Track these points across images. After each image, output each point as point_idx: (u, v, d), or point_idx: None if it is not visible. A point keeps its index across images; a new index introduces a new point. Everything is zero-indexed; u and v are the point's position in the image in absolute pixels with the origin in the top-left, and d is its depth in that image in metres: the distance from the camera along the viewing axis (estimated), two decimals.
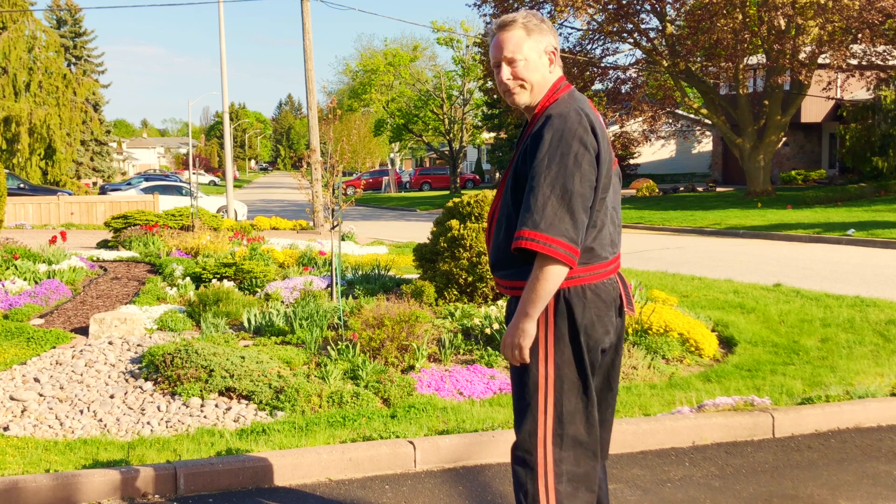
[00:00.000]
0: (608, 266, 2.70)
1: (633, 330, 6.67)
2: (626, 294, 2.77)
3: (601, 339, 2.70)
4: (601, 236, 2.67)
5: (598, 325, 2.68)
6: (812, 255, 13.99)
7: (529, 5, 30.55)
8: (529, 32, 2.72)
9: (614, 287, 2.73)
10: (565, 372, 2.66)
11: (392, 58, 49.91)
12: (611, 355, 2.82)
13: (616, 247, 2.75)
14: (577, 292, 2.65)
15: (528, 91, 2.74)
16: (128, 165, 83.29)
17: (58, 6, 53.57)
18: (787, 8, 24.46)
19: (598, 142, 2.61)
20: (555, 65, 2.76)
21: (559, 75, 2.78)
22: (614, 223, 2.75)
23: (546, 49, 2.75)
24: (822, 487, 4.09)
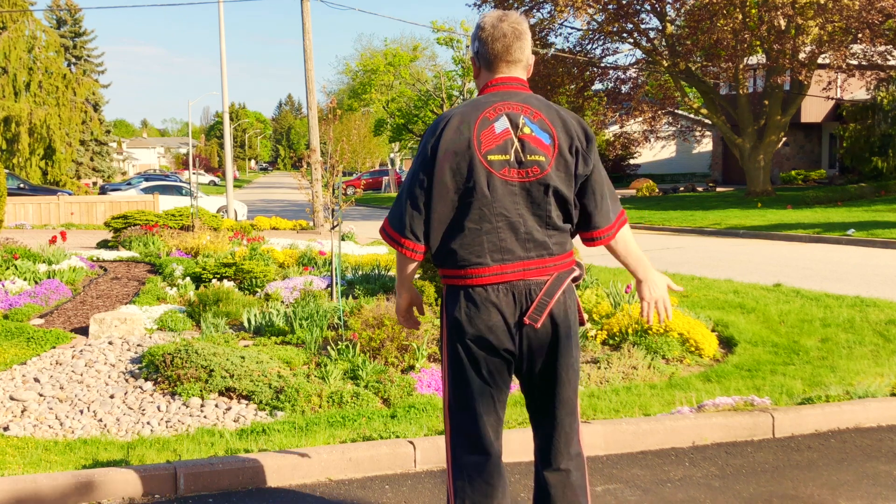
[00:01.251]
0: (486, 272, 2.75)
1: (633, 330, 6.67)
2: (535, 304, 2.74)
3: (478, 340, 2.77)
4: (471, 241, 2.75)
5: (468, 325, 2.77)
6: (812, 255, 13.99)
7: (529, 5, 30.57)
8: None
9: (495, 294, 2.75)
10: (450, 362, 2.86)
11: (392, 58, 49.92)
12: (530, 362, 2.82)
13: (507, 253, 2.75)
14: (451, 292, 2.82)
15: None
16: (128, 165, 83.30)
17: (58, 6, 53.56)
18: (787, 8, 24.47)
19: (437, 144, 2.74)
20: (481, 69, 2.92)
21: (484, 81, 2.91)
22: (516, 230, 2.76)
23: (471, 55, 2.97)
24: (822, 487, 4.09)
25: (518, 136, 2.76)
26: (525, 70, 2.92)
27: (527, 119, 2.78)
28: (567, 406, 2.88)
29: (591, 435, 4.56)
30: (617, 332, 6.78)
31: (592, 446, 4.55)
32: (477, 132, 2.74)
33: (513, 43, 2.84)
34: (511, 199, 2.75)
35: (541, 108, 2.82)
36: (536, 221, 2.78)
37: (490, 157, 2.73)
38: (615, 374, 5.98)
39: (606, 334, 6.83)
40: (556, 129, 2.79)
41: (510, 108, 2.79)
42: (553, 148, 2.77)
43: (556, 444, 2.90)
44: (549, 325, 2.79)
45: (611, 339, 6.79)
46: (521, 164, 2.75)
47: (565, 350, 2.82)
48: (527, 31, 2.90)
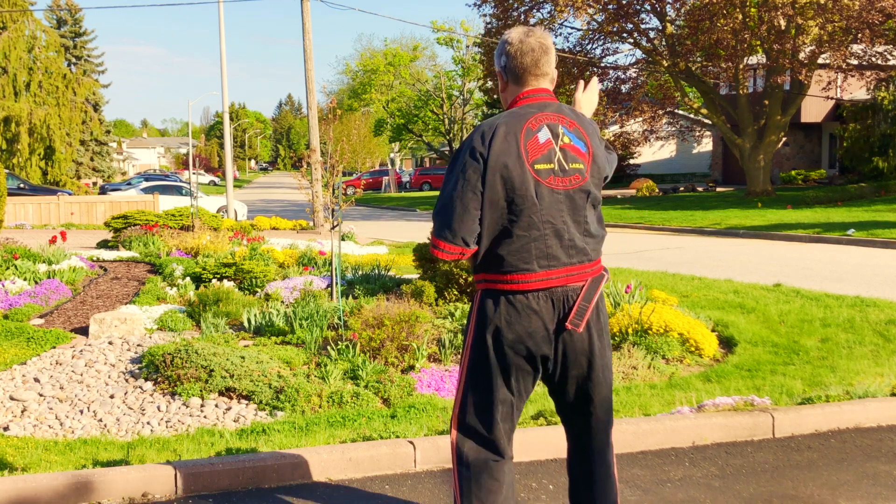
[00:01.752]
0: (533, 278, 2.83)
1: (633, 330, 6.67)
2: (575, 308, 2.83)
3: (515, 346, 2.84)
4: (520, 248, 2.82)
5: (507, 331, 2.84)
6: (812, 255, 13.99)
7: (530, 5, 30.57)
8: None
9: (535, 300, 2.83)
10: (475, 366, 2.92)
11: (392, 58, 49.93)
12: (564, 368, 2.91)
13: (553, 260, 2.84)
14: (491, 296, 2.88)
15: (504, 106, 3.06)
16: (128, 165, 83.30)
17: (58, 6, 53.58)
18: (787, 8, 24.46)
19: (488, 153, 2.80)
20: (508, 83, 3.01)
21: (514, 94, 2.99)
22: (560, 237, 2.84)
23: (496, 69, 3.05)
24: (822, 487, 4.09)
25: (559, 145, 2.87)
26: (551, 83, 3.02)
27: (565, 129, 2.90)
28: (605, 404, 3.01)
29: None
30: (617, 332, 6.78)
31: None
32: (524, 142, 2.84)
33: (541, 57, 2.94)
34: (556, 207, 2.85)
35: (574, 118, 2.95)
36: (577, 228, 2.89)
37: (537, 166, 2.83)
38: (615, 374, 5.98)
39: None
40: (589, 138, 2.93)
41: (549, 119, 2.90)
42: (589, 156, 2.91)
43: (596, 440, 3.03)
44: (586, 329, 2.89)
45: (611, 339, 6.78)
46: (564, 173, 2.86)
47: (600, 352, 2.93)
48: (552, 47, 3.00)
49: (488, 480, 2.92)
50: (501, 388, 2.91)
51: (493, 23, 31.85)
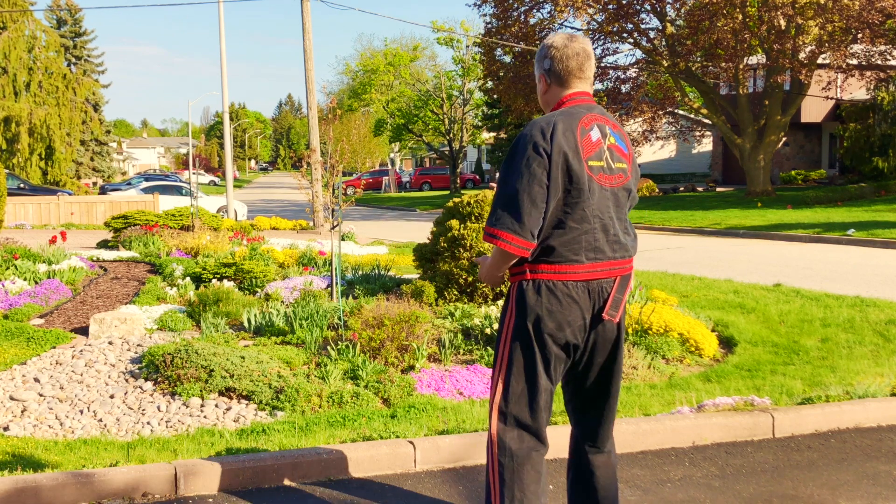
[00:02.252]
0: (580, 269, 2.95)
1: (633, 330, 6.67)
2: (611, 300, 2.97)
3: (555, 334, 2.95)
4: (571, 239, 2.93)
5: (548, 319, 2.94)
6: (812, 255, 13.99)
7: (530, 5, 30.57)
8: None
9: (576, 291, 2.95)
10: (516, 355, 3.00)
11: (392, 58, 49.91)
12: (591, 356, 3.06)
13: (600, 253, 2.96)
14: (534, 285, 2.96)
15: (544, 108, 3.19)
16: (128, 165, 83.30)
17: (58, 6, 53.56)
18: (787, 8, 24.45)
19: (551, 147, 2.88)
20: (551, 85, 3.11)
21: (558, 96, 3.09)
22: (607, 231, 2.97)
23: (538, 72, 3.19)
24: (822, 487, 4.09)
25: (607, 145, 3.02)
26: (591, 87, 3.15)
27: (610, 130, 3.06)
28: (616, 395, 3.18)
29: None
30: None
31: None
32: (580, 138, 2.96)
33: (584, 61, 3.07)
34: (605, 203, 2.99)
35: (615, 122, 3.12)
36: (620, 224, 3.04)
37: (591, 162, 2.96)
38: None
39: None
40: (627, 140, 3.13)
41: (598, 120, 3.04)
42: (629, 156, 3.10)
43: (606, 429, 3.19)
44: (615, 322, 3.04)
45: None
46: (611, 171, 3.01)
47: (622, 344, 3.11)
48: (593, 53, 3.15)
49: (530, 471, 3.00)
50: (542, 376, 2.99)
51: (493, 23, 31.84)
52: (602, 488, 3.20)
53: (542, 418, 3.02)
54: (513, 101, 32.03)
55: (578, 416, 3.21)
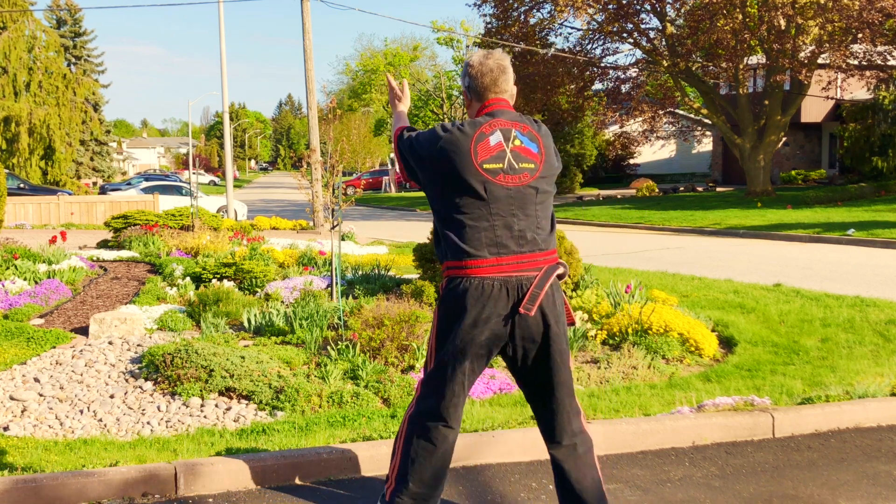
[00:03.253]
0: (484, 264, 3.12)
1: (633, 330, 6.68)
2: (528, 294, 3.09)
3: (471, 329, 3.11)
4: (471, 237, 3.13)
5: (464, 315, 3.12)
6: (812, 255, 13.99)
7: (530, 5, 30.57)
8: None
9: (490, 287, 3.10)
10: (433, 345, 3.28)
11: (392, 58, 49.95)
12: (525, 351, 3.18)
13: (503, 248, 3.13)
14: (450, 282, 3.19)
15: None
16: (128, 165, 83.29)
17: (58, 6, 53.56)
18: (787, 8, 24.46)
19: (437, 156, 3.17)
20: (472, 100, 3.37)
21: (476, 109, 3.34)
22: (510, 228, 3.14)
23: (463, 88, 3.45)
24: (822, 487, 4.09)
25: (510, 147, 3.20)
26: (511, 98, 3.34)
27: (518, 132, 3.23)
28: (565, 387, 3.24)
29: (592, 435, 4.54)
30: (617, 332, 6.78)
31: None
32: (474, 145, 3.17)
33: (499, 76, 3.29)
34: (506, 201, 3.16)
35: (528, 123, 3.28)
36: (527, 220, 3.18)
37: (486, 165, 3.15)
38: (615, 374, 5.98)
39: (606, 334, 6.83)
40: (542, 139, 3.27)
41: (503, 125, 3.23)
42: (540, 156, 3.24)
43: (560, 423, 3.25)
44: (540, 315, 3.13)
45: (611, 339, 6.79)
46: (514, 171, 3.18)
47: (556, 337, 3.17)
48: (510, 67, 3.34)
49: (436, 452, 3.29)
50: (448, 366, 3.19)
51: (493, 23, 31.85)
52: (576, 482, 3.24)
53: (446, 405, 3.23)
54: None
55: (537, 413, 3.33)
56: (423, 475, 3.31)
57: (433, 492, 3.38)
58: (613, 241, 18.17)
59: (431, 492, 3.37)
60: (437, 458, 3.31)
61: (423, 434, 3.30)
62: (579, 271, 8.36)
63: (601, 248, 16.06)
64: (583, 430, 3.29)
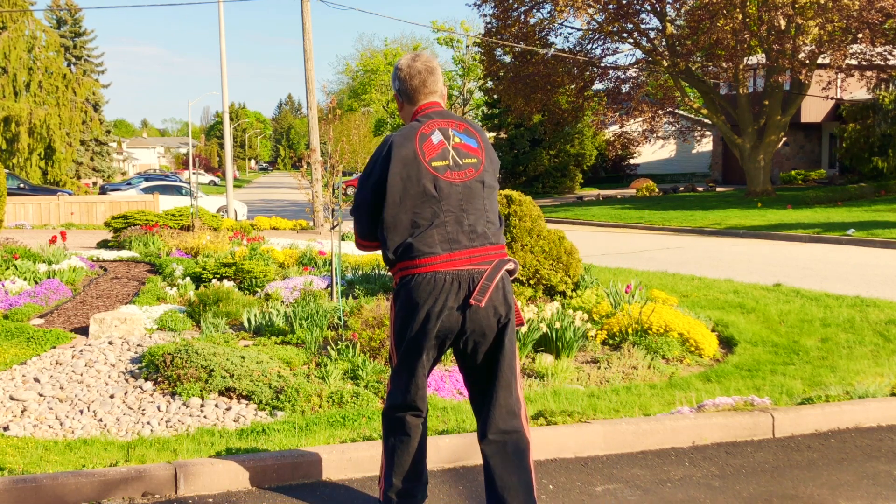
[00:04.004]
0: (437, 260, 3.19)
1: (633, 330, 6.68)
2: (479, 286, 3.16)
3: (425, 322, 3.19)
4: (426, 235, 3.20)
5: (417, 310, 3.20)
6: (812, 255, 13.99)
7: (529, 5, 30.57)
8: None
9: (442, 281, 3.18)
10: (394, 342, 3.37)
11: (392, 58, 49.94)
12: (475, 343, 3.24)
13: (455, 243, 3.20)
14: (403, 280, 3.27)
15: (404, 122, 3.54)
16: (128, 165, 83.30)
17: (58, 6, 53.58)
18: (787, 8, 24.46)
19: (389, 157, 3.23)
20: (403, 103, 3.47)
21: (410, 112, 3.44)
22: (461, 223, 3.22)
23: (394, 92, 3.57)
24: (822, 487, 4.09)
25: (451, 145, 3.28)
26: (441, 98, 3.45)
27: (454, 131, 3.32)
28: (503, 382, 3.27)
29: (591, 435, 4.56)
30: (617, 332, 6.78)
31: (592, 446, 4.55)
32: (419, 145, 3.26)
33: (427, 77, 3.38)
34: (455, 197, 3.23)
35: (461, 121, 3.37)
36: (476, 215, 3.25)
37: (434, 163, 3.24)
38: (615, 374, 5.98)
39: (606, 334, 6.83)
40: (479, 135, 3.36)
41: (440, 124, 3.32)
42: (481, 150, 3.33)
43: (492, 417, 3.27)
44: (491, 308, 3.20)
45: (611, 339, 6.79)
46: (458, 167, 3.26)
47: (506, 332, 3.25)
48: (437, 68, 3.43)
49: (400, 433, 3.43)
50: (405, 359, 3.30)
51: (493, 23, 31.85)
52: (499, 479, 3.24)
53: (407, 395, 3.34)
54: (513, 101, 32.04)
55: (474, 404, 3.40)
56: (404, 468, 3.42)
57: (416, 485, 3.47)
58: (613, 241, 18.17)
59: (414, 485, 3.47)
60: (413, 449, 3.42)
61: (398, 426, 3.42)
62: (579, 271, 8.36)
63: (601, 248, 16.06)
64: (517, 431, 3.28)
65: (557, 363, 6.07)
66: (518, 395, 3.31)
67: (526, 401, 3.61)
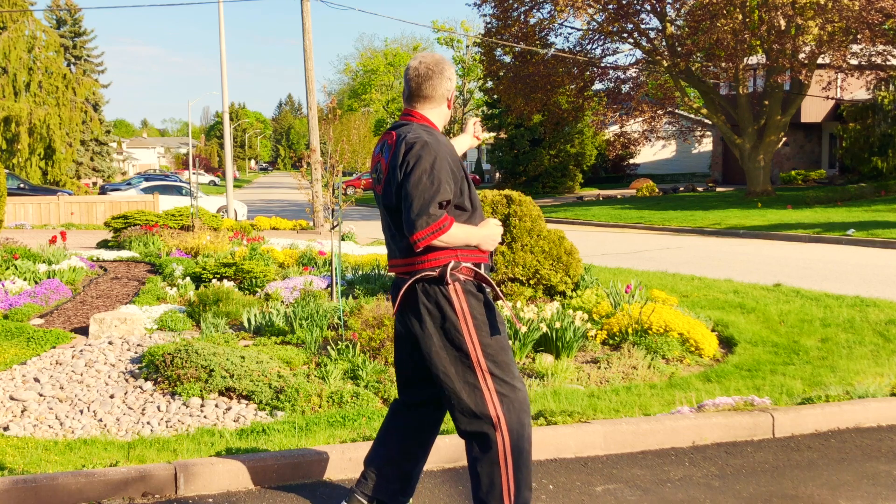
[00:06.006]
0: (389, 264, 3.39)
1: (633, 330, 6.68)
2: (392, 298, 3.35)
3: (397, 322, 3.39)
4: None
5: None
6: (812, 255, 13.99)
7: (529, 5, 30.56)
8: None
9: (395, 287, 3.35)
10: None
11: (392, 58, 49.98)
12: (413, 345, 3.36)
13: (391, 251, 3.36)
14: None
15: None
16: (128, 165, 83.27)
17: (58, 6, 53.55)
18: (787, 8, 24.45)
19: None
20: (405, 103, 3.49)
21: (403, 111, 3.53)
22: (388, 231, 3.35)
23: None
24: (822, 487, 4.09)
25: (380, 159, 3.35)
26: (439, 103, 3.33)
27: (387, 144, 3.30)
28: (442, 387, 3.25)
29: (591, 435, 4.56)
30: (617, 332, 6.78)
31: (592, 446, 4.55)
32: (373, 154, 3.46)
33: (423, 83, 3.28)
34: (380, 208, 3.36)
35: (397, 137, 3.23)
36: (390, 227, 3.32)
37: (372, 174, 3.42)
38: (615, 374, 5.98)
39: (606, 334, 6.83)
40: (395, 150, 3.21)
41: (385, 137, 3.35)
42: (386, 166, 3.26)
43: (452, 418, 3.30)
44: (407, 315, 3.27)
45: (611, 339, 6.79)
46: (378, 181, 3.35)
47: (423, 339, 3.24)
48: (438, 72, 3.28)
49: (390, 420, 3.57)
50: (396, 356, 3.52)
51: (493, 23, 31.85)
52: (471, 480, 3.41)
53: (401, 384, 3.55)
54: (513, 101, 32.04)
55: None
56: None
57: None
58: (613, 241, 18.17)
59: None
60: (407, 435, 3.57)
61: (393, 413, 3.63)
62: (579, 271, 8.36)
63: (601, 248, 16.06)
64: (478, 433, 3.25)
65: (557, 363, 6.07)
66: (479, 395, 3.19)
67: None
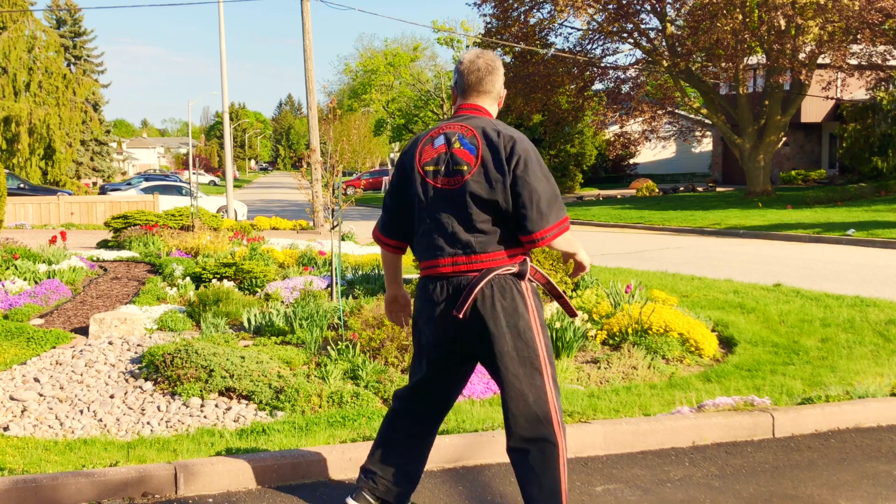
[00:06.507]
0: (426, 265, 3.28)
1: (633, 330, 6.68)
2: (462, 299, 3.13)
3: (424, 326, 3.30)
4: (418, 242, 3.32)
5: (420, 312, 3.34)
6: (812, 255, 13.99)
7: (529, 5, 30.56)
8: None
9: (434, 287, 3.23)
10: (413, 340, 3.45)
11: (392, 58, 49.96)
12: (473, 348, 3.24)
13: (433, 252, 3.23)
14: (419, 281, 3.37)
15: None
16: (128, 165, 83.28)
17: (57, 6, 53.55)
18: (787, 8, 24.45)
19: (402, 162, 3.35)
20: (456, 97, 3.44)
21: (456, 107, 3.43)
22: (443, 230, 3.21)
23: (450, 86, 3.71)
24: (822, 487, 4.09)
25: (451, 150, 3.23)
26: (494, 100, 3.39)
27: (461, 135, 3.25)
28: (511, 391, 3.17)
29: (591, 435, 4.56)
30: (617, 332, 6.78)
31: (592, 446, 4.55)
32: (420, 148, 3.31)
33: (485, 77, 3.33)
34: (439, 203, 3.22)
35: (477, 128, 3.24)
36: (460, 222, 3.19)
37: (426, 167, 3.26)
38: (615, 374, 5.98)
39: (606, 334, 6.83)
40: (481, 144, 3.19)
41: (450, 128, 3.29)
42: (476, 159, 3.18)
43: (509, 426, 3.21)
44: (477, 316, 3.15)
45: (611, 339, 6.79)
46: (448, 174, 3.22)
47: (498, 338, 3.15)
48: (499, 68, 3.36)
49: (390, 427, 3.52)
50: (418, 359, 3.39)
51: (493, 23, 31.85)
52: (522, 488, 3.26)
53: (416, 392, 3.43)
54: (512, 100, 32.02)
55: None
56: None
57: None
58: (613, 241, 18.17)
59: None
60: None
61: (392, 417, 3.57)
62: None
63: (601, 248, 16.06)
64: (542, 438, 3.15)
65: (557, 363, 6.07)
66: (543, 399, 3.16)
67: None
